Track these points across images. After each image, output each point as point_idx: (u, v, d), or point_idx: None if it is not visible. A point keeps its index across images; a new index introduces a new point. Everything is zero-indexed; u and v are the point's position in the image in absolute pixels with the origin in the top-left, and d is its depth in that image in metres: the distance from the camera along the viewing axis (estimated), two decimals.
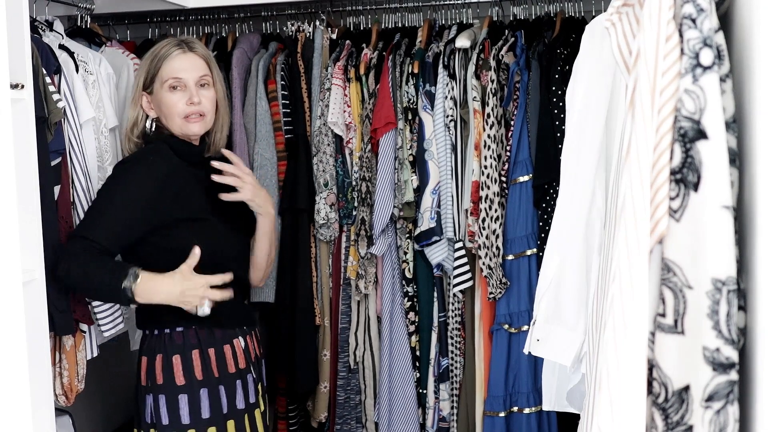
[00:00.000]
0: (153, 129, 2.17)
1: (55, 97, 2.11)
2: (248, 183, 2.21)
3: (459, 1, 2.97)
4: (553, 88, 2.51)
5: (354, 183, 2.79)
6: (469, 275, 2.68)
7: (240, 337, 2.16)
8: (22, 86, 1.85)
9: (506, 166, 2.60)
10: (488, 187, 2.58)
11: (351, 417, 2.89)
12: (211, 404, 2.06)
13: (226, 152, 2.25)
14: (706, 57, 1.12)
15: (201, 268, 2.05)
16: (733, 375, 1.10)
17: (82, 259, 1.97)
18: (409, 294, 2.79)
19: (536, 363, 2.59)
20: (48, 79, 2.10)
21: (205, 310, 2.04)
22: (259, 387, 2.22)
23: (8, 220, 1.59)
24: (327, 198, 2.77)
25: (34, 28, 2.26)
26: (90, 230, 2.01)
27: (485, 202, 2.58)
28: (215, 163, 2.20)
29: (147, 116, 2.18)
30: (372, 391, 2.86)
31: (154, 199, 2.05)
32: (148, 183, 2.06)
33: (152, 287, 1.99)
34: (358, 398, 2.89)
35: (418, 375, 2.81)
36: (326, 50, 2.87)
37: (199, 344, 2.08)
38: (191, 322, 2.08)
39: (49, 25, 2.42)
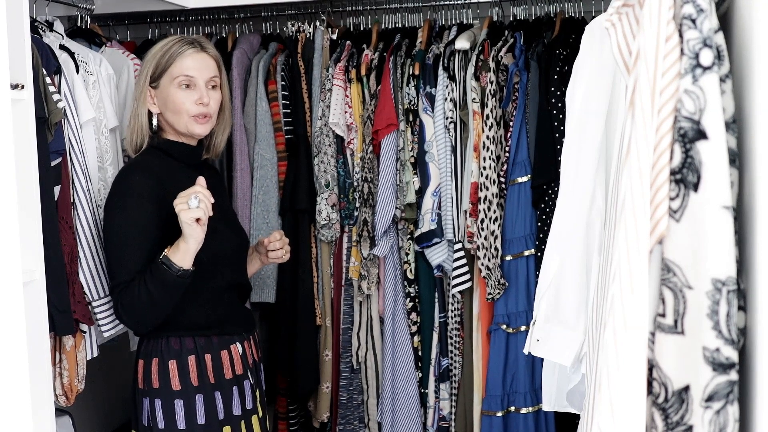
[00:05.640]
0: (156, 125, 2.15)
1: (55, 97, 2.11)
2: (288, 251, 2.33)
3: (459, 2, 2.97)
4: (552, 89, 2.51)
5: (356, 184, 2.79)
6: (467, 276, 2.68)
7: (238, 343, 2.15)
8: (22, 86, 1.85)
9: (505, 167, 2.60)
10: (487, 188, 2.58)
11: (354, 417, 2.89)
12: (206, 410, 2.06)
13: (274, 235, 2.30)
14: (706, 57, 1.12)
15: (200, 271, 2.04)
16: (733, 375, 1.10)
17: (128, 299, 1.98)
18: (411, 295, 2.79)
19: (534, 363, 2.59)
20: (48, 80, 2.10)
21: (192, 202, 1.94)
22: (257, 393, 2.21)
23: (8, 220, 1.58)
24: (328, 199, 2.77)
25: (34, 29, 2.26)
26: (121, 273, 2.00)
27: (484, 203, 2.58)
28: (265, 240, 2.31)
29: (150, 112, 2.16)
30: (375, 391, 2.86)
31: (157, 208, 2.03)
32: (143, 201, 2.03)
33: (179, 252, 1.96)
34: (361, 398, 2.89)
35: (420, 375, 2.82)
36: (327, 51, 2.86)
37: (195, 350, 2.07)
38: (189, 331, 2.08)
39: (50, 26, 2.42)
